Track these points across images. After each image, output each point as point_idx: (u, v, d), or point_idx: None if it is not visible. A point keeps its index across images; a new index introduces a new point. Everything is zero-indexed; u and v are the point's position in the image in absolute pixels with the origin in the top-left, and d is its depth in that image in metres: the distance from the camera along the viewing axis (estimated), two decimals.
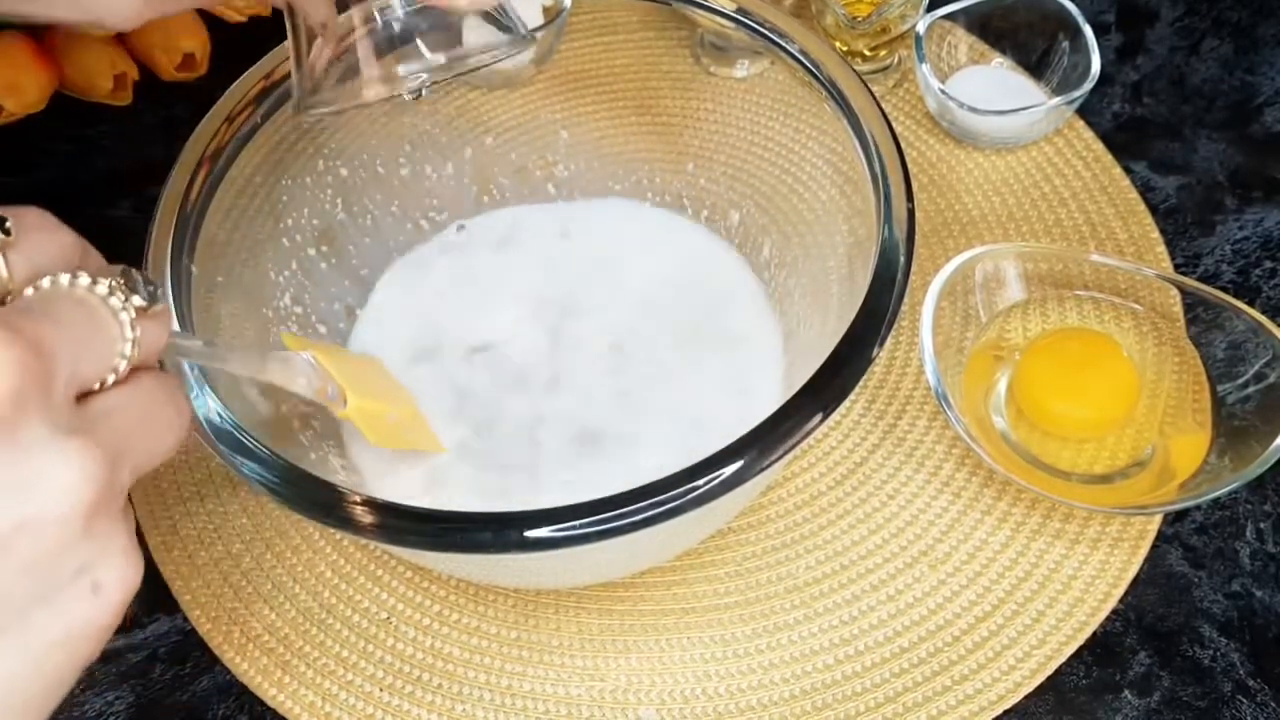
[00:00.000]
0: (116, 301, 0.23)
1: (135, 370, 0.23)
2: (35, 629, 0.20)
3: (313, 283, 0.46)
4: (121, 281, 0.23)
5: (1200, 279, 0.51)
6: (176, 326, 0.35)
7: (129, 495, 0.23)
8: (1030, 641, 0.42)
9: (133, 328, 0.23)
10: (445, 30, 0.36)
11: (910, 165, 0.37)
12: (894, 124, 0.38)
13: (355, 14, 0.35)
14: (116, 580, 0.21)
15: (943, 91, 0.53)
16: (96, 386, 0.22)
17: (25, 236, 0.22)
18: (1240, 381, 0.44)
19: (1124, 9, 0.62)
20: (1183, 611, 0.43)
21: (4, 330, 0.20)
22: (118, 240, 0.28)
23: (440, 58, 0.36)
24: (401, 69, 0.36)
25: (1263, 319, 0.43)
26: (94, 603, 0.21)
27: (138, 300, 0.23)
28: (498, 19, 0.37)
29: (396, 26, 0.35)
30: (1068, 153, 0.55)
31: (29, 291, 0.22)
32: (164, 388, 0.24)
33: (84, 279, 0.22)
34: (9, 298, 0.22)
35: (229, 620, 0.44)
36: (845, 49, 0.57)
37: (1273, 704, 0.41)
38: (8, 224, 0.22)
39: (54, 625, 0.20)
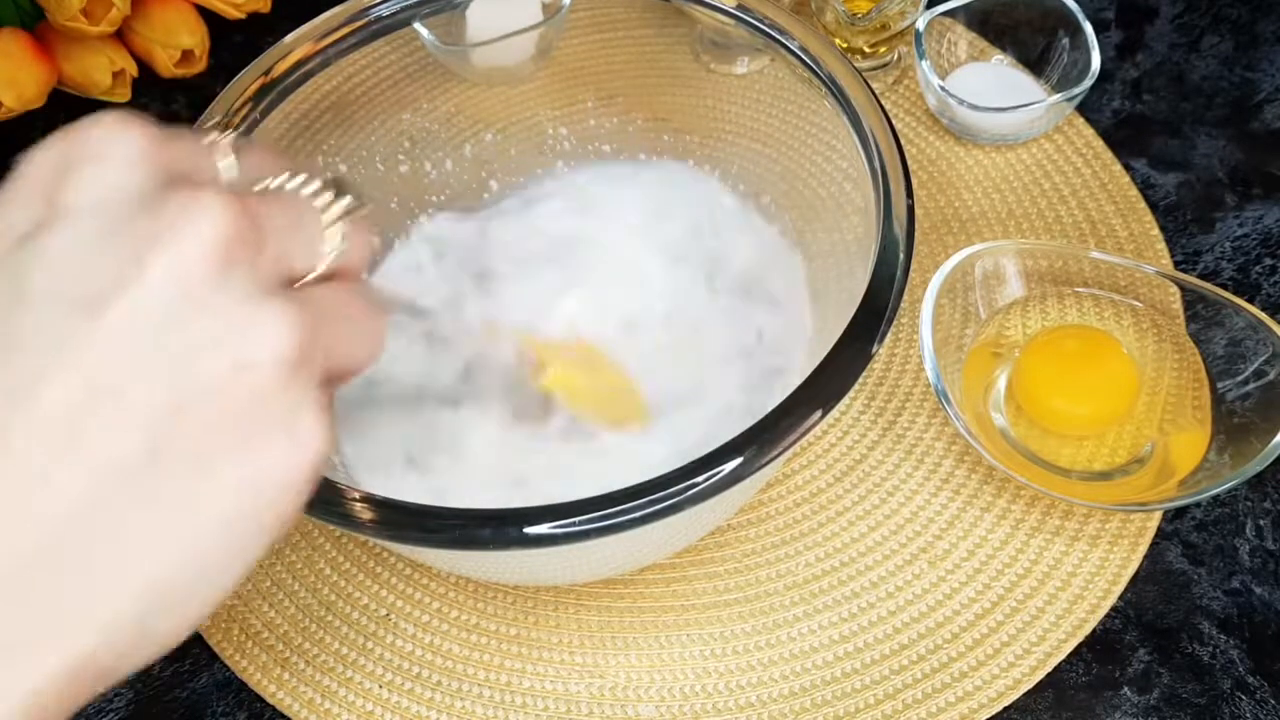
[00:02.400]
0: (324, 201, 0.25)
1: (341, 276, 0.25)
2: (242, 469, 0.21)
3: None
4: (331, 186, 0.25)
5: (1200, 276, 0.51)
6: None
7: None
8: (1029, 638, 0.42)
9: (338, 228, 0.24)
10: None
11: (910, 162, 0.37)
12: (894, 121, 0.38)
13: None
14: (313, 434, 0.22)
15: (942, 88, 0.53)
16: (305, 278, 0.24)
17: (249, 150, 0.25)
18: (1240, 378, 0.44)
19: (1124, 6, 0.62)
20: (1182, 608, 0.43)
21: (227, 195, 0.21)
22: None
23: None
24: None
25: (1262, 316, 0.43)
26: (291, 450, 0.22)
27: (345, 202, 0.25)
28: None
29: None
30: (1067, 150, 0.55)
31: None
32: (366, 299, 0.25)
33: (299, 179, 0.25)
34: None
35: (228, 617, 0.44)
36: (845, 46, 0.57)
37: (1272, 701, 0.41)
38: (234, 136, 0.25)
39: (257, 466, 0.21)
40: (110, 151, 0.21)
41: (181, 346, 0.20)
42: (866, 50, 0.57)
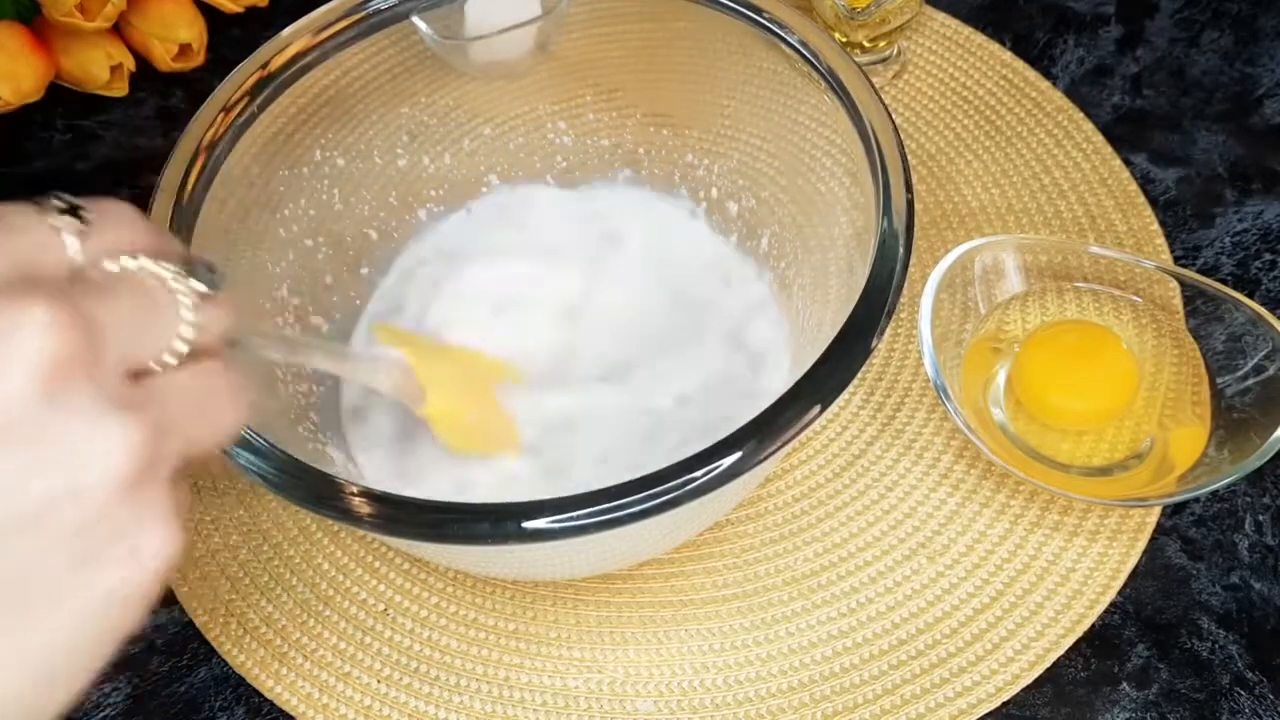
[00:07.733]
0: (176, 284, 0.23)
1: (197, 356, 0.24)
2: (80, 592, 0.21)
3: (310, 274, 0.46)
4: (184, 267, 0.24)
5: (1200, 271, 0.51)
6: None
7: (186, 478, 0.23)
8: (1029, 634, 0.42)
9: (192, 311, 0.23)
10: None
11: (909, 157, 0.37)
12: (893, 115, 0.38)
13: None
14: (154, 548, 0.22)
15: None
16: (156, 368, 0.23)
17: (103, 226, 0.23)
18: (1239, 374, 0.44)
19: (1124, 1, 0.62)
20: (1181, 604, 0.43)
21: (55, 302, 0.20)
22: None
23: None
24: None
25: (1262, 311, 0.43)
26: (133, 568, 0.21)
27: (197, 284, 0.24)
28: None
29: None
30: (1067, 144, 0.55)
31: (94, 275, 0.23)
32: (223, 376, 0.25)
33: (145, 261, 0.23)
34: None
35: (226, 612, 0.44)
36: (844, 40, 0.57)
37: (1271, 696, 0.41)
38: (83, 212, 0.23)
39: (97, 588, 0.21)
40: None
41: (11, 473, 0.20)
42: (866, 45, 0.57)
